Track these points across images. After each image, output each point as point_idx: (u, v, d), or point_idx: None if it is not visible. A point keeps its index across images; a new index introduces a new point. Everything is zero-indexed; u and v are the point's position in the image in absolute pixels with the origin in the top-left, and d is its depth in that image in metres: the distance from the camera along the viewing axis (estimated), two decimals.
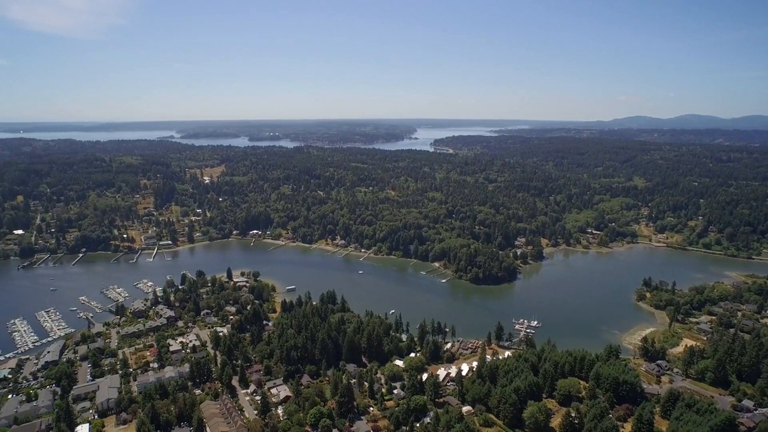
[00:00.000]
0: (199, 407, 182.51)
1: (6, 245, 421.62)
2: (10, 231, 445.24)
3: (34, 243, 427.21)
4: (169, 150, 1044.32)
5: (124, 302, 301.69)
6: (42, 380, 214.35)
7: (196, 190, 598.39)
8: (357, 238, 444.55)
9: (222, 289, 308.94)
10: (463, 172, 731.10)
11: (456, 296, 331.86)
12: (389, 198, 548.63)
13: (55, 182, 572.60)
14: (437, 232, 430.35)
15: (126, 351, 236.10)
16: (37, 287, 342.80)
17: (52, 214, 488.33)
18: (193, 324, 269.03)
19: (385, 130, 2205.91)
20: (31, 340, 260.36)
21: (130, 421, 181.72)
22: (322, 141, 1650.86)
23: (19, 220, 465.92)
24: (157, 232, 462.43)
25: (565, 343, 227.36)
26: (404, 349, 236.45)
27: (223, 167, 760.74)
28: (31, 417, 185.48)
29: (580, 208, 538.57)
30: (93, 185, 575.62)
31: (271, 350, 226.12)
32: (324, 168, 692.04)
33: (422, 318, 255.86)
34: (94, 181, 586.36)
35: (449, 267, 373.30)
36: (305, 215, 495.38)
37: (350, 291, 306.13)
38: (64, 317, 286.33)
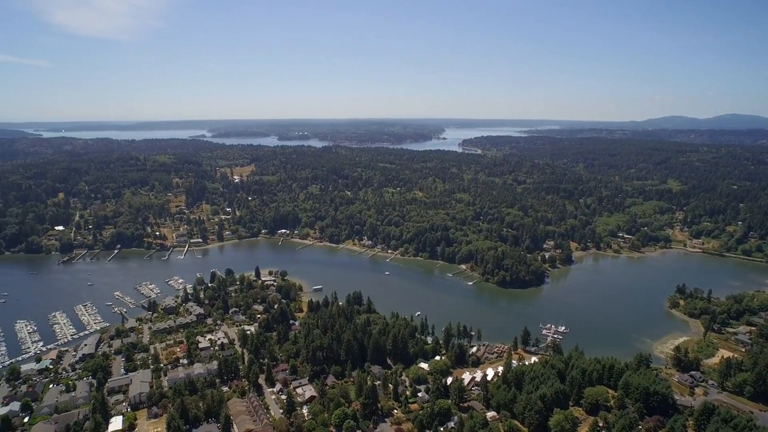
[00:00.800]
0: (227, 404, 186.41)
1: (48, 240, 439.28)
2: (51, 227, 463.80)
3: (73, 239, 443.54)
4: (200, 149, 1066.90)
5: (156, 298, 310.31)
6: (79, 372, 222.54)
7: (226, 189, 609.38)
8: (384, 238, 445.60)
9: (250, 288, 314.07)
10: (492, 174, 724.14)
11: (482, 299, 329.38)
12: (417, 199, 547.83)
13: (93, 180, 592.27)
14: (464, 234, 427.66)
15: (157, 346, 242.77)
16: (75, 282, 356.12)
17: (89, 212, 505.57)
18: (222, 322, 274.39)
19: (414, 130, 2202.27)
20: (69, 332, 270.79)
21: (161, 415, 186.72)
22: (351, 141, 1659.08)
23: (59, 216, 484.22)
24: (188, 230, 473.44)
25: (593, 350, 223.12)
26: (429, 352, 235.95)
27: (252, 167, 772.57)
28: (69, 407, 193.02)
29: (611, 212, 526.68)
30: (128, 183, 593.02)
31: (297, 350, 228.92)
32: (352, 168, 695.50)
33: (448, 321, 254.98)
34: (129, 180, 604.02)
35: (476, 269, 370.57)
36: (333, 215, 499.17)
37: (376, 292, 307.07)
38: (100, 311, 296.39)
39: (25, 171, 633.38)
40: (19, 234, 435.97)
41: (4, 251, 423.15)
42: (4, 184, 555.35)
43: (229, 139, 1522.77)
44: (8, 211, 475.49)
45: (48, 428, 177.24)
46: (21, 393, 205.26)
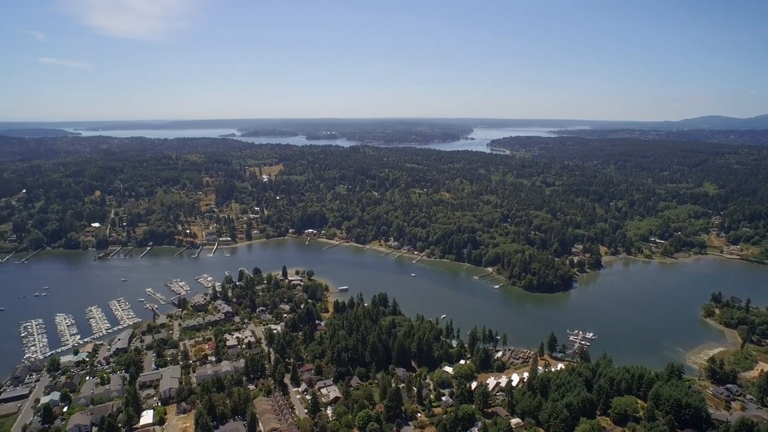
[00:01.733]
0: (253, 403, 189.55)
1: (85, 237, 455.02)
2: (89, 224, 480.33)
3: (108, 235, 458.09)
4: (230, 148, 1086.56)
5: (186, 296, 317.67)
6: (113, 365, 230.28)
7: (254, 188, 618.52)
8: (410, 240, 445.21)
9: (277, 287, 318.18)
10: (520, 175, 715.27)
11: (508, 303, 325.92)
12: (444, 200, 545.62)
13: (127, 179, 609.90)
14: (491, 237, 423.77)
15: (186, 343, 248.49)
16: (110, 277, 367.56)
17: (124, 209, 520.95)
18: (249, 320, 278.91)
19: (441, 130, 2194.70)
20: (104, 326, 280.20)
21: (189, 410, 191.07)
22: (378, 140, 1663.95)
23: (96, 213, 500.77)
24: (217, 229, 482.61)
25: (622, 358, 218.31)
26: (454, 356, 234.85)
27: (281, 166, 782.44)
28: (104, 399, 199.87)
29: (642, 215, 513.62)
30: (161, 182, 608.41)
31: (322, 350, 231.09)
32: (379, 168, 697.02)
33: (473, 324, 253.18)
34: (162, 178, 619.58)
35: (503, 273, 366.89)
36: (359, 215, 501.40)
37: (402, 293, 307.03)
38: (133, 307, 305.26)
39: (65, 169, 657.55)
40: (59, 230, 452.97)
41: (46, 246, 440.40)
42: (47, 182, 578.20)
43: (258, 138, 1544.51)
44: (50, 208, 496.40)
45: (84, 418, 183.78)
46: (60, 383, 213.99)
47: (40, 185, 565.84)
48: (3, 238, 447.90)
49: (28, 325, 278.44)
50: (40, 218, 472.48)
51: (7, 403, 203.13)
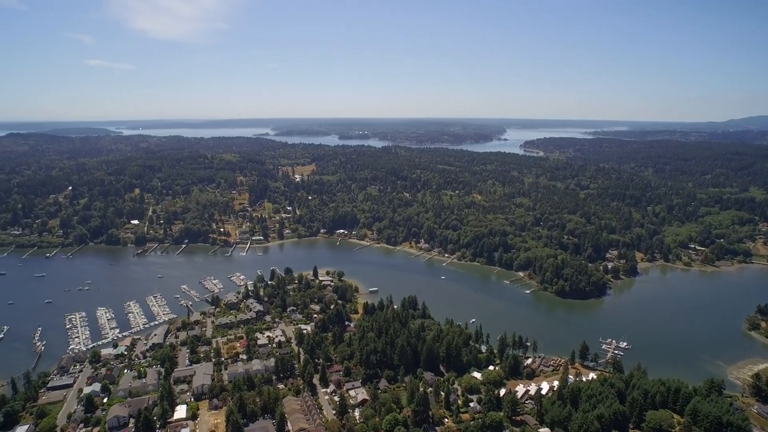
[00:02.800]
0: (282, 402, 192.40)
1: (125, 233, 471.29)
2: (128, 221, 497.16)
3: (146, 233, 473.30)
4: (264, 147, 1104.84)
5: (219, 293, 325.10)
6: (149, 360, 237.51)
7: (287, 188, 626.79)
8: (441, 242, 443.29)
9: (308, 287, 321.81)
10: (554, 177, 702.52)
11: (539, 309, 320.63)
12: (475, 202, 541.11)
13: (165, 177, 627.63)
14: (523, 241, 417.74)
15: (219, 340, 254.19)
16: (147, 273, 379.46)
17: (161, 207, 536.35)
18: (280, 320, 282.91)
19: (474, 131, 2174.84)
20: (141, 321, 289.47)
21: (221, 407, 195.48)
22: (410, 140, 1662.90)
23: (135, 211, 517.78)
24: (250, 228, 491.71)
25: (657, 370, 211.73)
26: (483, 361, 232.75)
27: (313, 166, 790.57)
28: (141, 392, 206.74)
29: (682, 221, 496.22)
30: (196, 181, 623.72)
31: (351, 352, 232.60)
32: (411, 170, 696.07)
33: (503, 330, 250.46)
34: (198, 177, 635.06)
35: (534, 278, 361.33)
36: (390, 217, 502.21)
37: (431, 296, 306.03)
38: (169, 303, 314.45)
39: (107, 167, 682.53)
40: (101, 226, 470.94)
41: (89, 242, 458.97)
42: (91, 179, 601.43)
43: (291, 138, 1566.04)
44: (93, 205, 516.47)
45: (123, 410, 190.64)
46: (101, 375, 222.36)
47: (84, 183, 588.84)
48: (51, 234, 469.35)
49: (73, 317, 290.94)
50: (84, 215, 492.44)
51: (54, 391, 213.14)
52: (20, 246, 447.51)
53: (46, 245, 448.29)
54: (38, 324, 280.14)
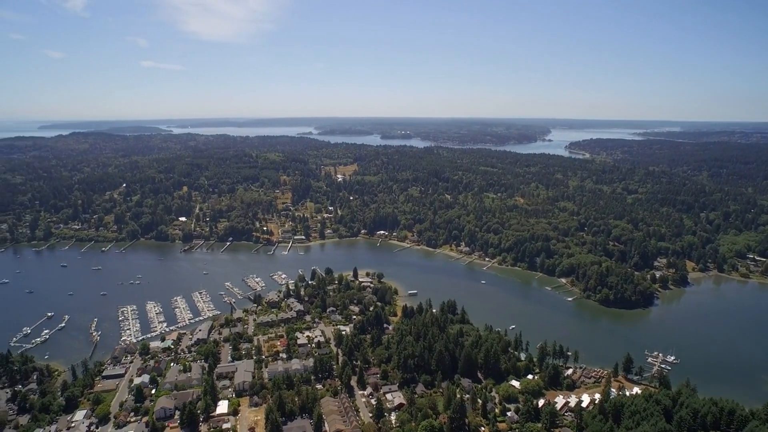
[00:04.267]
0: (320, 402, 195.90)
1: (173, 230, 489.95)
2: (176, 218, 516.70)
3: (193, 230, 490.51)
4: (307, 147, 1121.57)
5: (261, 292, 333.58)
6: (194, 354, 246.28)
7: (329, 188, 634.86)
8: (482, 246, 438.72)
9: (348, 288, 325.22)
10: (600, 181, 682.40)
11: (582, 317, 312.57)
12: (517, 206, 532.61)
13: (211, 175, 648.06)
14: (566, 246, 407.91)
15: (260, 338, 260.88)
16: (193, 270, 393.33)
17: (207, 205, 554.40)
18: (319, 320, 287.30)
19: (518, 131, 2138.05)
20: (187, 316, 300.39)
21: (261, 404, 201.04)
22: (453, 141, 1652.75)
23: (183, 208, 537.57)
24: (292, 227, 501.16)
25: (708, 388, 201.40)
26: (522, 370, 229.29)
27: (355, 166, 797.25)
28: (186, 386, 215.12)
29: (739, 229, 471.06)
30: (241, 179, 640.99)
31: (389, 355, 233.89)
32: (453, 171, 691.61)
33: (543, 338, 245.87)
34: (243, 176, 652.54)
35: (577, 285, 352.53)
36: (431, 219, 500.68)
37: (471, 301, 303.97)
38: (213, 300, 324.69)
39: (158, 165, 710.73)
40: (152, 223, 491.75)
41: (140, 237, 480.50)
42: (143, 177, 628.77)
43: (334, 137, 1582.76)
44: (144, 202, 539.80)
45: (169, 402, 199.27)
46: (150, 367, 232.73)
47: (137, 180, 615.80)
48: (106, 229, 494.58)
49: (125, 309, 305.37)
50: (136, 211, 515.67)
51: (108, 380, 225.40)
52: (79, 240, 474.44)
53: (102, 240, 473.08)
54: (94, 315, 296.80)
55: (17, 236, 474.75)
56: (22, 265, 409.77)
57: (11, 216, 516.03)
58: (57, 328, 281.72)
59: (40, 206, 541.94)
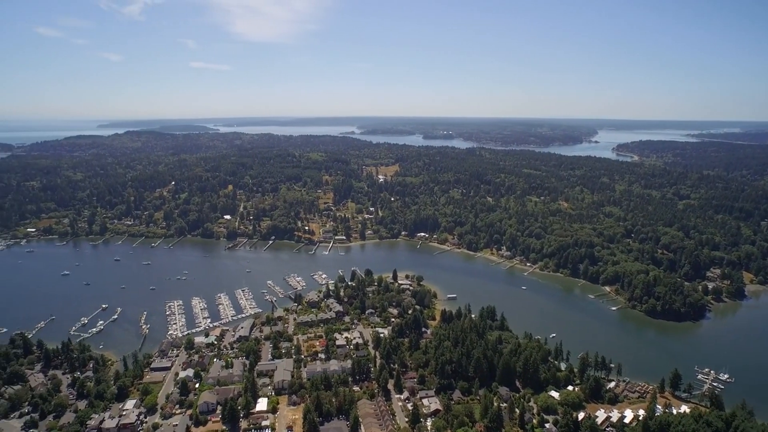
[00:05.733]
0: (357, 404, 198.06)
1: (218, 228, 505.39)
2: (221, 215, 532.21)
3: (237, 228, 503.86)
4: (349, 147, 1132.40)
5: (301, 291, 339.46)
6: (236, 351, 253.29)
7: (370, 189, 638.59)
8: (523, 250, 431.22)
9: (387, 290, 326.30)
10: (648, 185, 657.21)
11: (626, 328, 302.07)
12: (561, 210, 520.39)
13: (255, 174, 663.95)
14: (611, 253, 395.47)
15: (300, 338, 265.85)
16: (236, 267, 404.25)
17: (251, 204, 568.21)
18: (358, 321, 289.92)
19: (562, 132, 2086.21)
20: (230, 313, 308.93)
21: (299, 404, 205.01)
22: (495, 141, 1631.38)
23: (228, 206, 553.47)
24: (333, 227, 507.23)
25: (766, 412, 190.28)
26: (561, 380, 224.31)
27: (397, 166, 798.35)
28: (227, 382, 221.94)
29: None
30: (284, 179, 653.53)
31: (426, 360, 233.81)
32: (495, 173, 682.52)
33: (585, 348, 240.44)
34: (286, 175, 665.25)
35: (622, 294, 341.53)
36: (472, 222, 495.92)
37: (510, 307, 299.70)
38: (255, 298, 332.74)
39: (205, 164, 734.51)
40: (198, 220, 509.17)
41: (187, 234, 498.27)
42: (190, 175, 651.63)
43: (375, 137, 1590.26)
44: (192, 200, 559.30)
45: (212, 397, 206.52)
46: (194, 362, 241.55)
47: (185, 178, 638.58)
48: (156, 225, 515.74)
49: (172, 304, 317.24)
50: (184, 209, 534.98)
51: (156, 372, 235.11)
52: (131, 235, 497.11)
53: (151, 235, 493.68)
54: (144, 308, 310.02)
55: (77, 230, 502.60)
56: (81, 258, 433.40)
57: (72, 211, 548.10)
58: (110, 320, 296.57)
59: (96, 202, 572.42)
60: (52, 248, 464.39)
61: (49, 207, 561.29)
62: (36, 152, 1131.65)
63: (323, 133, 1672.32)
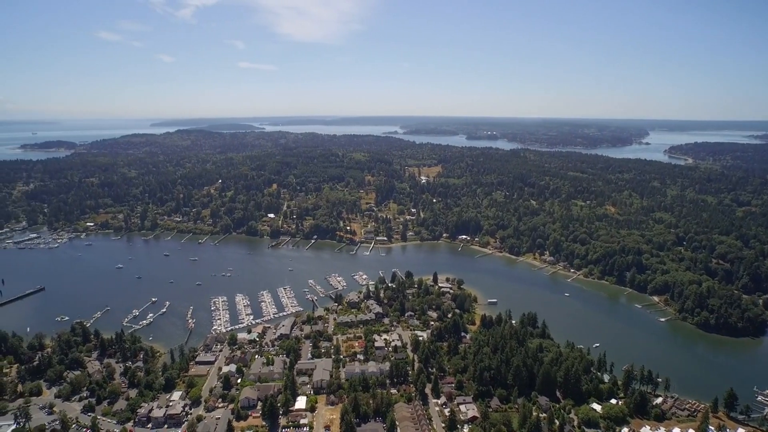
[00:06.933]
0: (393, 408, 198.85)
1: (262, 226, 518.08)
2: (265, 214, 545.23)
3: (280, 226, 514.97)
4: (392, 147, 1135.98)
5: (342, 291, 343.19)
6: (277, 349, 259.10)
7: (412, 190, 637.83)
8: (567, 256, 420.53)
9: (427, 293, 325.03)
10: (703, 190, 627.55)
11: (675, 341, 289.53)
12: (608, 215, 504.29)
13: (299, 174, 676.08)
14: (661, 262, 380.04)
15: (339, 338, 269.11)
16: (279, 265, 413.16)
17: (295, 203, 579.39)
18: (397, 323, 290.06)
19: (611, 133, 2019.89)
20: (272, 311, 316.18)
21: (337, 404, 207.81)
22: (541, 143, 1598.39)
23: (272, 205, 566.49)
24: (375, 228, 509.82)
25: None
26: (604, 393, 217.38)
27: (439, 168, 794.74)
28: (268, 379, 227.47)
29: None
30: (327, 179, 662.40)
31: (465, 365, 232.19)
32: (539, 176, 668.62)
33: (630, 360, 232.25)
34: (329, 175, 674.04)
35: (671, 304, 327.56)
36: (515, 225, 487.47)
37: (552, 314, 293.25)
38: (296, 296, 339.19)
39: (250, 163, 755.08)
40: (243, 218, 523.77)
41: (232, 231, 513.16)
42: (236, 174, 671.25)
43: (419, 137, 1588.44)
44: (237, 198, 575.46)
45: (253, 393, 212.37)
46: (236, 358, 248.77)
47: (231, 177, 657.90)
48: (203, 222, 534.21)
49: (216, 300, 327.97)
50: (230, 207, 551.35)
51: (200, 365, 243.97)
52: (180, 231, 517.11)
53: (198, 232, 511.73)
54: (191, 303, 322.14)
55: (130, 225, 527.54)
56: (133, 252, 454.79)
57: (126, 207, 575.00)
58: (159, 313, 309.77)
59: (148, 199, 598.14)
60: (108, 242, 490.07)
61: (106, 203, 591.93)
62: (96, 150, 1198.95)
63: (366, 132, 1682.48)
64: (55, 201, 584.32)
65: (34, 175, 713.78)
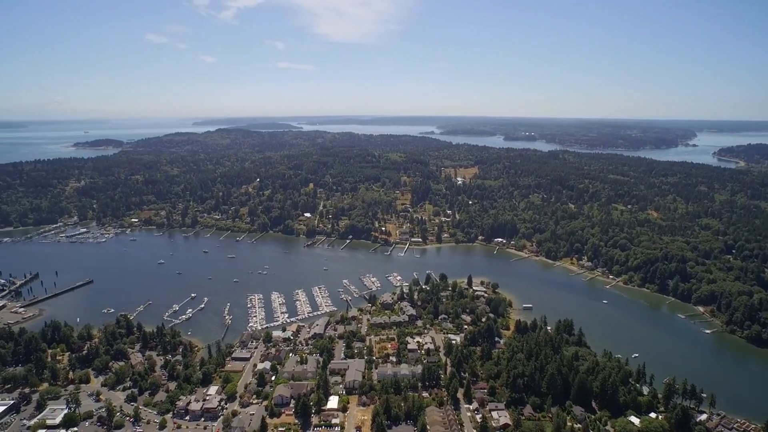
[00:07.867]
0: (425, 411, 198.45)
1: (298, 225, 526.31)
2: (302, 213, 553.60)
3: (316, 226, 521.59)
4: (428, 147, 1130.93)
5: (376, 292, 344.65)
6: (311, 348, 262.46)
7: (448, 191, 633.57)
8: (606, 262, 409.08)
9: (461, 297, 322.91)
10: (756, 196, 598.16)
11: (722, 355, 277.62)
12: (650, 220, 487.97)
13: (336, 174, 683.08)
14: (707, 270, 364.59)
15: (372, 339, 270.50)
16: (314, 264, 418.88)
17: (331, 202, 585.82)
18: (431, 326, 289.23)
19: (655, 134, 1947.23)
20: (306, 310, 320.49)
21: (368, 405, 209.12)
22: (580, 144, 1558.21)
23: (308, 204, 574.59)
24: (410, 229, 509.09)
25: None
26: (643, 406, 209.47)
27: (476, 169, 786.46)
28: (301, 377, 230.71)
29: None
30: (363, 179, 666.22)
31: (498, 371, 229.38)
32: (578, 179, 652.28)
33: (671, 372, 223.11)
34: (365, 175, 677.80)
35: (718, 316, 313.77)
36: (552, 229, 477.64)
37: (589, 322, 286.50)
38: (331, 296, 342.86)
39: (288, 162, 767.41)
40: (280, 217, 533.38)
41: (269, 230, 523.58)
42: (274, 173, 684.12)
43: (455, 137, 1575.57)
44: (275, 197, 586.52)
45: (286, 391, 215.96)
46: (271, 355, 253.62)
47: (269, 176, 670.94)
48: (241, 220, 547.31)
49: (253, 297, 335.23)
50: (267, 205, 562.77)
51: (236, 361, 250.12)
52: (219, 229, 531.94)
53: (237, 230, 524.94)
54: (228, 300, 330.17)
55: (172, 222, 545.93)
56: (174, 249, 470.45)
57: (168, 204, 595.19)
58: (198, 309, 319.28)
59: (189, 196, 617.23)
60: (151, 238, 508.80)
61: (149, 200, 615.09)
62: (141, 148, 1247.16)
63: (403, 132, 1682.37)
64: (103, 197, 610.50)
65: (84, 172, 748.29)
